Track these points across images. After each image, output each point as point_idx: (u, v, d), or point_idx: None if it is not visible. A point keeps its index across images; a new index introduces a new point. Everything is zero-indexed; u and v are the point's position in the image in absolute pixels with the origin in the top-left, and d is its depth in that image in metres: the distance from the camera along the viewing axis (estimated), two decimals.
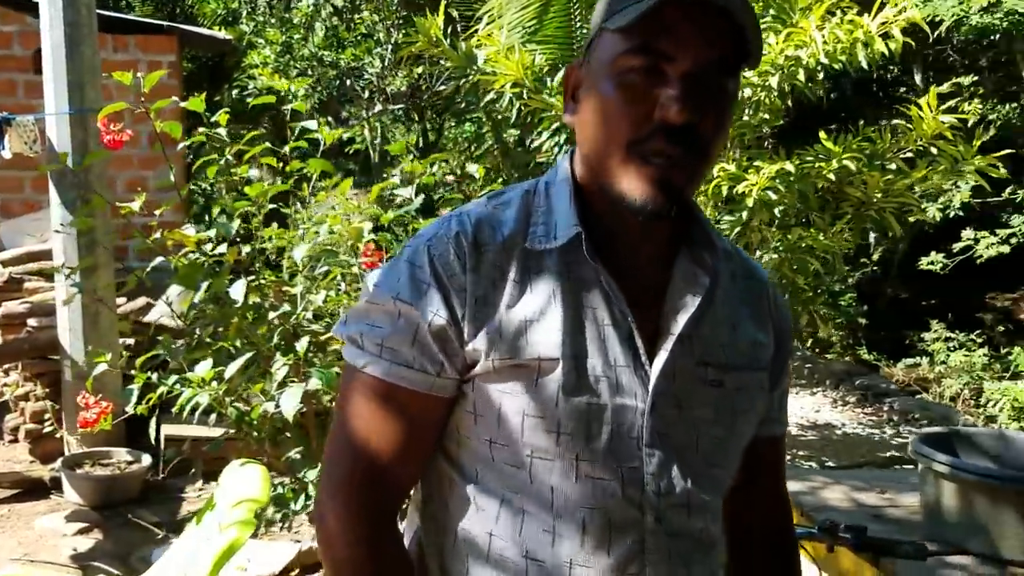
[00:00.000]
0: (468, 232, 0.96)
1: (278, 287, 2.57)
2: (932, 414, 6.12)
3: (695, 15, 0.86)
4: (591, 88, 0.94)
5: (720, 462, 1.00)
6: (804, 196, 3.97)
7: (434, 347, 0.94)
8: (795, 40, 3.77)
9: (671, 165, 0.88)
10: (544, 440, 0.93)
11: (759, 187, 3.70)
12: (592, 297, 0.95)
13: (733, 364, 1.00)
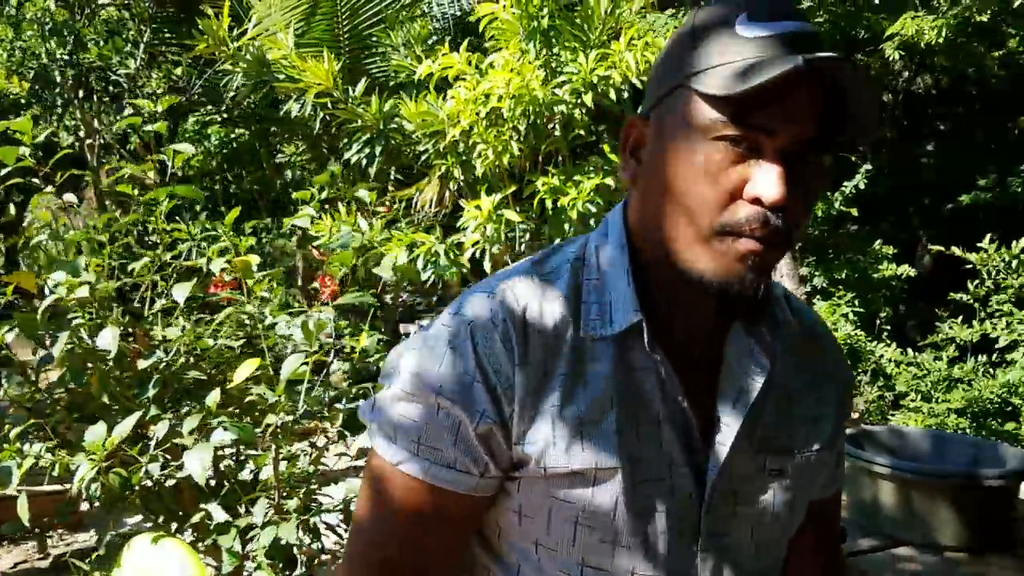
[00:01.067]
0: (517, 317, 0.87)
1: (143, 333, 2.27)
2: None
3: (798, 89, 0.78)
4: (666, 152, 0.83)
5: (775, 551, 0.98)
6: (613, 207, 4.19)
7: (479, 447, 0.87)
8: (608, 61, 3.97)
9: (763, 247, 0.80)
10: (599, 551, 0.87)
11: (581, 200, 3.86)
12: (648, 389, 0.88)
13: (794, 447, 0.94)
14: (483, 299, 0.90)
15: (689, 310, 0.89)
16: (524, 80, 3.85)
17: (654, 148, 0.86)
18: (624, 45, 3.96)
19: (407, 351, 0.92)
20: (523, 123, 4.03)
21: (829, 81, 0.78)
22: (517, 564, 0.92)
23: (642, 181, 0.88)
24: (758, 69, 0.75)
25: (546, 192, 3.92)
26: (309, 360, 2.12)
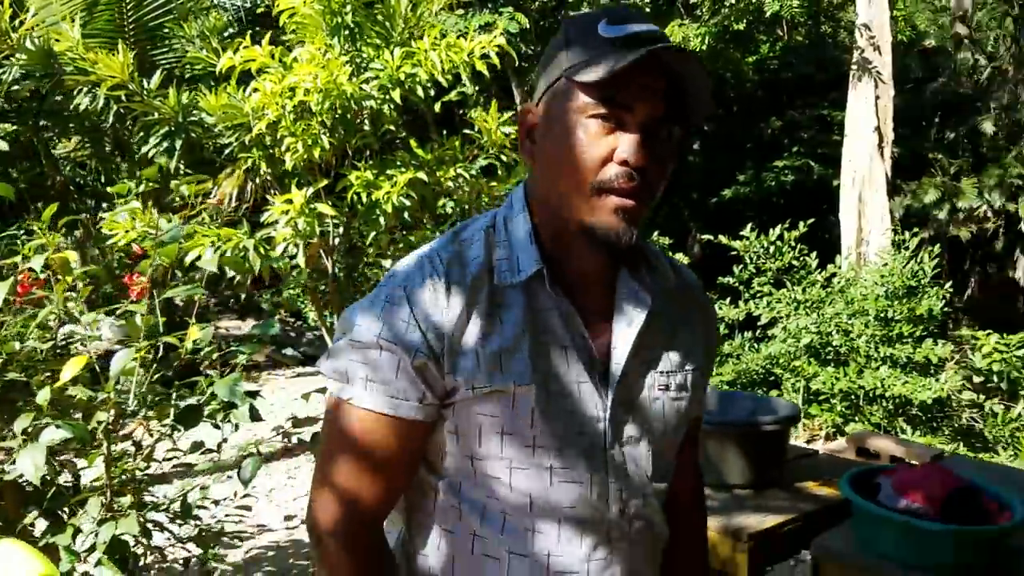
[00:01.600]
0: (441, 271, 1.06)
1: None
2: None
3: (651, 75, 0.99)
4: (553, 130, 1.04)
5: (669, 454, 1.18)
6: (426, 201, 4.32)
7: (417, 379, 1.04)
8: (413, 59, 4.08)
9: (633, 201, 1.01)
10: (521, 454, 1.06)
11: (395, 194, 3.95)
12: (553, 323, 1.07)
13: (675, 368, 1.16)
14: (414, 264, 1.09)
15: (580, 258, 1.10)
16: (332, 75, 3.88)
17: (545, 130, 1.06)
18: (429, 44, 4.09)
19: (354, 311, 1.09)
20: (331, 117, 4.06)
21: (673, 69, 1.00)
22: (459, 482, 1.09)
23: (538, 156, 1.08)
24: (615, 60, 0.96)
25: (359, 186, 3.98)
26: (138, 356, 2.09)
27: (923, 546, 1.68)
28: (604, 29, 1.00)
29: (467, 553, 1.09)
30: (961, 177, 10.89)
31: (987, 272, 11.34)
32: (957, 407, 6.47)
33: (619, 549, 1.10)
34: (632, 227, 1.02)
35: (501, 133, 4.52)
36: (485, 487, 1.08)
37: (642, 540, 1.13)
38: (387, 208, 3.94)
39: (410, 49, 4.14)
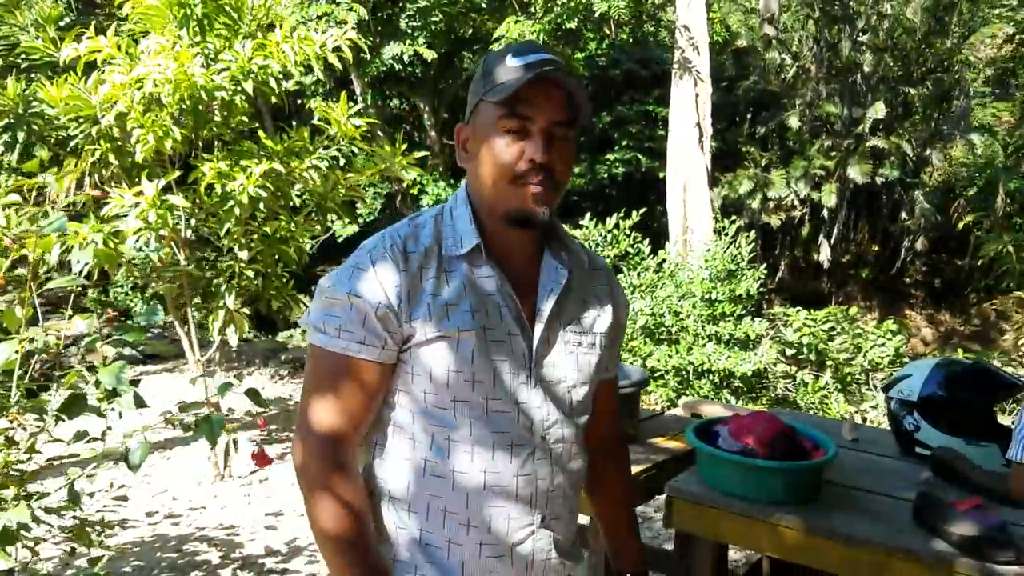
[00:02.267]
0: (399, 244, 1.33)
1: None
2: None
3: (547, 91, 1.29)
4: (480, 141, 1.33)
5: (581, 397, 1.44)
6: (282, 192, 4.36)
7: (379, 327, 1.29)
8: (265, 51, 4.11)
9: (541, 189, 1.30)
10: (464, 388, 1.31)
11: (251, 184, 3.98)
12: (489, 286, 1.34)
13: (586, 330, 1.44)
14: (377, 239, 1.35)
15: (509, 238, 1.38)
16: (183, 66, 3.86)
17: (474, 141, 1.36)
18: (282, 37, 4.13)
19: (328, 277, 1.35)
20: (182, 109, 4.02)
21: (565, 86, 1.30)
22: (412, 415, 1.34)
23: (471, 163, 1.37)
24: (516, 82, 1.26)
25: (214, 177, 3.98)
26: (21, 348, 2.10)
27: (757, 480, 1.98)
28: (509, 60, 1.30)
29: (420, 474, 1.33)
30: (771, 169, 11.88)
31: (795, 255, 12.43)
32: (773, 378, 7.14)
33: (543, 468, 1.36)
34: (543, 208, 1.31)
35: (351, 125, 4.61)
36: (434, 418, 1.32)
37: (561, 461, 1.39)
38: (242, 199, 3.97)
39: (262, 41, 4.16)
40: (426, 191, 10.75)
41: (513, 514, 1.34)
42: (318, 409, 1.31)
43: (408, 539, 1.34)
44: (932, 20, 13.09)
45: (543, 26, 10.29)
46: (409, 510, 1.34)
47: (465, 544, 1.33)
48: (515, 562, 1.35)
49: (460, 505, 1.32)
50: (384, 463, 1.37)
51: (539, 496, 1.36)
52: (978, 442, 2.20)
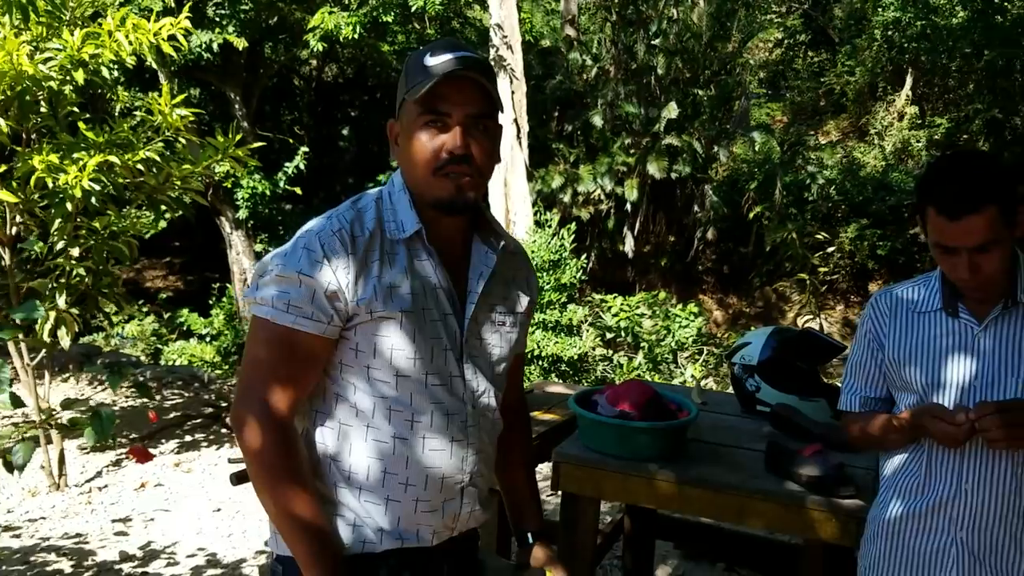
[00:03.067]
0: (346, 228, 1.41)
1: None
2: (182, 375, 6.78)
3: (460, 87, 1.39)
4: (405, 136, 1.43)
5: (502, 370, 1.59)
6: (114, 185, 4.17)
7: (326, 305, 1.37)
8: (97, 40, 3.93)
9: (462, 178, 1.41)
10: (405, 363, 1.42)
11: (85, 178, 3.80)
12: (428, 270, 1.45)
13: (509, 311, 1.59)
14: (324, 221, 1.42)
15: (442, 225, 1.48)
16: (8, 54, 3.62)
17: (402, 137, 1.45)
18: (114, 26, 3.96)
19: (274, 256, 1.41)
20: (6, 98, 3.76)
21: (479, 80, 1.40)
22: (354, 387, 1.43)
23: (401, 156, 1.46)
24: (430, 82, 1.36)
25: (44, 171, 3.75)
26: None
27: (633, 440, 2.22)
28: (427, 59, 1.39)
29: (361, 440, 1.43)
30: (579, 165, 12.49)
31: (603, 246, 13.14)
32: (593, 361, 7.60)
33: (472, 433, 1.50)
34: (465, 195, 1.42)
35: (177, 116, 4.49)
36: (377, 389, 1.42)
37: (487, 427, 1.55)
38: (75, 193, 3.78)
39: (93, 30, 3.97)
40: (240, 184, 10.42)
41: (447, 473, 1.47)
42: (263, 380, 1.38)
43: (349, 494, 1.44)
44: (716, 25, 14.26)
45: (359, 18, 10.27)
46: (351, 471, 1.44)
47: (403, 501, 1.44)
48: (445, 514, 1.49)
49: (400, 467, 1.44)
50: (326, 429, 1.46)
51: (469, 458, 1.50)
52: (809, 398, 2.56)
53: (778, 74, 18.89)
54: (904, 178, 13.28)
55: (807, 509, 2.03)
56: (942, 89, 15.76)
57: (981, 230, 1.52)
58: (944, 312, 1.68)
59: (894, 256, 12.31)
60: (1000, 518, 1.62)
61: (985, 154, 1.67)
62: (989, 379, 1.62)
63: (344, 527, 1.44)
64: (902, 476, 1.73)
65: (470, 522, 1.55)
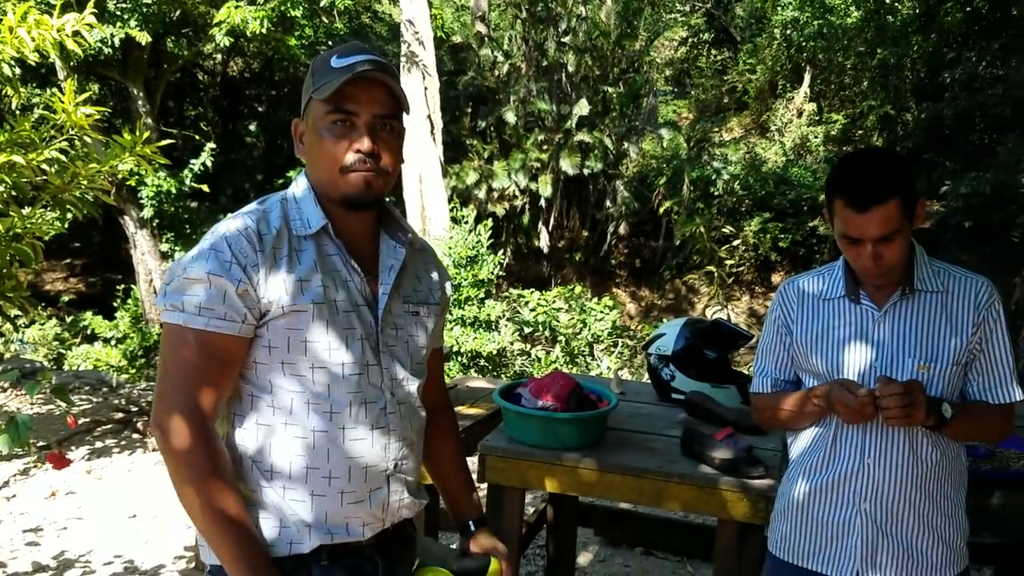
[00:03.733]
0: (253, 227, 1.43)
1: None
2: (89, 380, 6.57)
3: (368, 87, 1.44)
4: (313, 134, 1.47)
5: (421, 360, 1.61)
6: (18, 185, 4.03)
7: (239, 304, 1.38)
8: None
9: (369, 176, 1.45)
10: (320, 355, 1.44)
11: None
12: (337, 263, 1.48)
13: (422, 301, 1.62)
14: (228, 223, 1.44)
15: (349, 220, 1.51)
16: None
17: (308, 134, 1.49)
18: (16, 21, 3.82)
19: (182, 260, 1.41)
20: None
21: (386, 83, 1.45)
22: (270, 384, 1.44)
23: (308, 154, 1.50)
24: (338, 81, 1.41)
25: None
26: None
27: (557, 431, 2.30)
28: (335, 61, 1.44)
29: (281, 437, 1.44)
30: (494, 161, 12.57)
31: (519, 242, 13.26)
32: (511, 356, 7.70)
33: (394, 420, 1.52)
34: (371, 192, 1.46)
35: (82, 114, 4.37)
36: (294, 384, 1.43)
37: (408, 416, 1.56)
38: None
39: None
40: (145, 182, 10.13)
41: (371, 462, 1.48)
42: (183, 387, 1.37)
43: (272, 494, 1.44)
44: (623, 24, 14.54)
45: (266, 12, 10.09)
46: (272, 470, 1.44)
47: (328, 495, 1.45)
48: (373, 505, 1.49)
49: (322, 460, 1.44)
50: (245, 430, 1.45)
51: (392, 446, 1.51)
52: (720, 385, 2.70)
53: (683, 72, 19.37)
54: (803, 173, 13.82)
55: (720, 490, 2.15)
56: (838, 86, 16.44)
57: (885, 222, 1.64)
58: (847, 299, 1.80)
59: (795, 248, 12.82)
60: (900, 490, 1.74)
61: (888, 151, 1.80)
62: (888, 361, 1.74)
63: (270, 528, 1.43)
64: (809, 453, 1.85)
65: (401, 511, 1.56)
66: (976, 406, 1.77)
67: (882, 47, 13.87)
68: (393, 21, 15.08)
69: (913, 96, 13.57)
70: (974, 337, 1.73)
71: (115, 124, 11.33)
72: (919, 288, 1.76)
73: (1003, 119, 10.53)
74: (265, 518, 1.43)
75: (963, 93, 11.07)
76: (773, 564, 1.92)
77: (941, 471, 1.76)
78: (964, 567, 1.82)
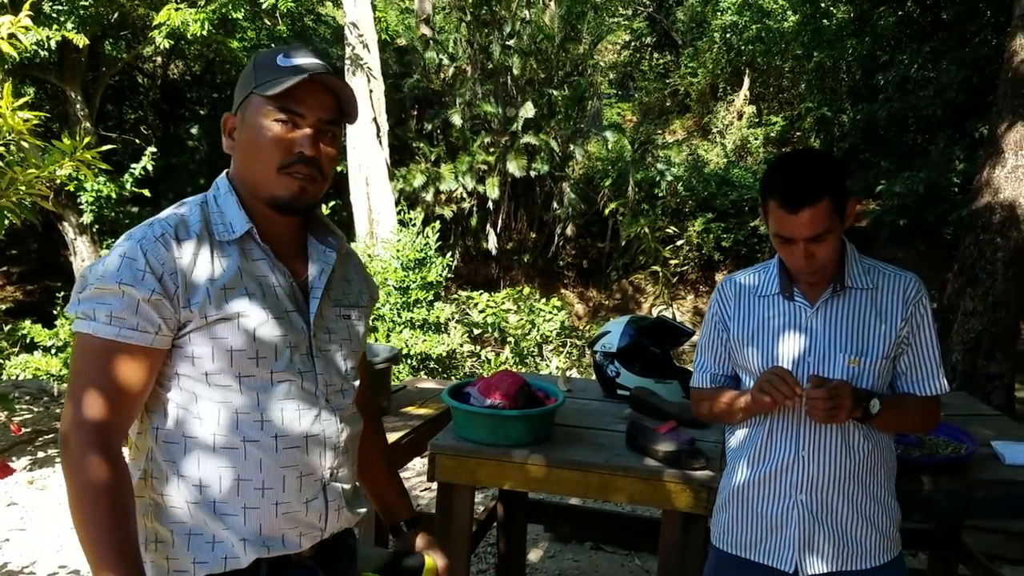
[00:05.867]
0: (171, 232, 1.37)
1: None
2: (29, 389, 6.42)
3: (316, 91, 1.41)
4: (250, 130, 1.41)
5: (354, 364, 1.58)
6: None
7: (152, 314, 1.32)
8: None
9: (306, 180, 1.41)
10: (248, 364, 1.38)
11: None
12: (263, 269, 1.43)
13: (352, 304, 1.58)
14: (145, 228, 1.37)
15: (276, 223, 1.47)
16: None
17: (241, 130, 1.43)
18: None
19: (95, 267, 1.34)
20: None
21: (333, 89, 1.43)
22: (195, 395, 1.38)
23: (238, 151, 1.44)
24: (286, 81, 1.38)
25: None
26: None
27: (506, 429, 2.35)
28: (281, 59, 1.41)
29: (209, 450, 1.38)
30: (441, 163, 12.57)
31: (467, 244, 13.28)
32: (461, 357, 7.72)
33: (328, 429, 1.48)
34: (304, 197, 1.42)
35: (19, 119, 4.30)
36: (220, 395, 1.37)
37: (344, 422, 1.52)
38: None
39: None
40: (84, 187, 9.92)
41: (305, 472, 1.44)
42: (91, 399, 1.31)
43: (202, 510, 1.38)
44: (567, 27, 14.65)
45: (207, 15, 9.96)
46: (201, 484, 1.38)
47: (261, 507, 1.40)
48: (309, 515, 1.45)
49: (254, 472, 1.39)
50: (170, 444, 1.39)
51: (327, 454, 1.47)
52: (663, 380, 2.77)
53: (627, 75, 19.61)
54: (744, 174, 14.11)
55: (664, 482, 2.21)
56: (776, 89, 16.82)
57: (816, 221, 1.70)
58: (781, 295, 1.87)
59: (737, 247, 13.07)
60: (834, 481, 1.82)
61: (819, 152, 1.87)
62: (820, 356, 1.81)
63: (203, 546, 1.39)
64: (746, 446, 1.92)
65: (340, 522, 1.52)
66: (905, 398, 1.85)
67: (818, 50, 14.22)
68: (337, 24, 14.98)
69: (849, 98, 13.93)
70: (903, 331, 1.81)
71: (52, 128, 11.07)
72: (850, 285, 1.83)
73: (934, 120, 10.88)
74: (197, 534, 1.39)
75: (896, 95, 11.41)
76: (716, 556, 1.99)
77: (873, 462, 1.84)
78: (897, 552, 1.90)
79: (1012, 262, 5.87)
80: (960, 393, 3.44)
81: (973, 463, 2.31)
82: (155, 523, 1.41)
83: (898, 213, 10.39)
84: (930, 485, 2.23)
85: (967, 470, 2.28)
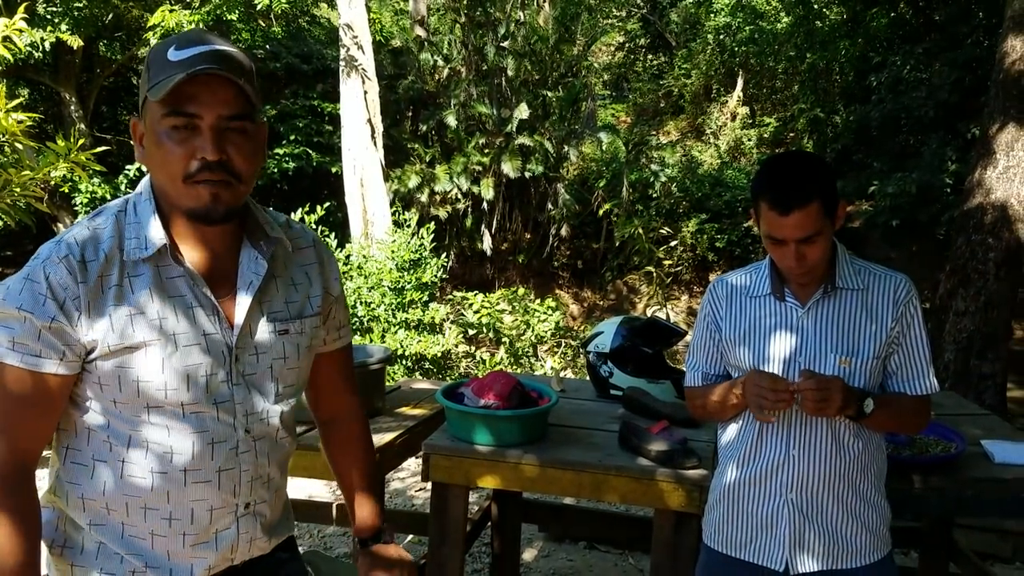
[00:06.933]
0: (76, 253, 1.27)
1: None
2: None
3: (211, 85, 1.22)
4: (151, 139, 1.27)
5: (292, 383, 1.45)
6: None
7: (55, 340, 1.25)
8: None
9: (218, 186, 1.26)
10: (156, 395, 1.29)
11: None
12: (180, 287, 1.31)
13: (295, 315, 1.44)
14: (52, 246, 1.28)
15: (198, 234, 1.34)
16: None
17: (147, 138, 1.29)
18: None
19: (2, 287, 1.26)
20: None
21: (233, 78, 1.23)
22: (107, 422, 1.31)
23: (147, 160, 1.30)
24: (175, 78, 1.20)
25: None
26: None
27: (499, 429, 2.37)
28: (171, 53, 1.23)
29: (117, 476, 1.32)
30: (436, 164, 12.58)
31: (462, 245, 13.29)
32: (456, 358, 7.74)
33: (246, 459, 1.39)
34: (219, 206, 1.27)
35: (13, 121, 4.32)
36: (129, 424, 1.31)
37: (267, 451, 1.43)
38: None
39: None
40: (79, 188, 9.91)
41: (216, 504, 1.37)
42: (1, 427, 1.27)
43: (110, 534, 1.35)
44: (561, 29, 14.67)
45: (202, 16, 9.97)
46: (108, 508, 1.34)
47: (169, 535, 1.35)
48: (219, 546, 1.40)
49: (161, 502, 1.33)
50: (77, 468, 1.34)
51: (243, 486, 1.39)
52: (656, 380, 2.79)
53: (621, 77, 19.63)
54: (737, 175, 14.13)
55: (657, 481, 2.23)
56: (770, 90, 16.85)
57: (807, 223, 1.72)
58: (772, 296, 1.89)
59: (731, 248, 13.09)
60: (824, 480, 1.83)
61: (810, 155, 1.89)
62: (811, 356, 1.83)
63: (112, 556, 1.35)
64: (736, 445, 1.94)
65: (252, 551, 1.46)
66: (897, 398, 1.87)
67: (811, 52, 14.25)
68: (331, 25, 14.98)
69: (842, 99, 13.97)
70: (893, 331, 1.83)
71: (47, 130, 11.06)
72: (841, 286, 1.85)
73: (927, 121, 10.91)
74: (104, 554, 1.36)
75: (889, 96, 11.44)
76: (708, 555, 2.01)
77: (864, 461, 1.86)
78: (887, 551, 1.92)
79: (1004, 262, 5.91)
80: (950, 392, 3.46)
81: (963, 462, 2.33)
82: (65, 527, 1.39)
83: (891, 213, 10.42)
84: (920, 484, 2.25)
85: (957, 469, 2.30)
